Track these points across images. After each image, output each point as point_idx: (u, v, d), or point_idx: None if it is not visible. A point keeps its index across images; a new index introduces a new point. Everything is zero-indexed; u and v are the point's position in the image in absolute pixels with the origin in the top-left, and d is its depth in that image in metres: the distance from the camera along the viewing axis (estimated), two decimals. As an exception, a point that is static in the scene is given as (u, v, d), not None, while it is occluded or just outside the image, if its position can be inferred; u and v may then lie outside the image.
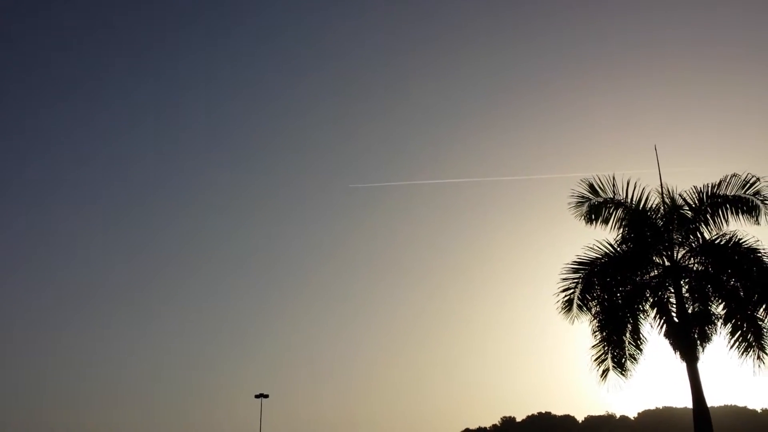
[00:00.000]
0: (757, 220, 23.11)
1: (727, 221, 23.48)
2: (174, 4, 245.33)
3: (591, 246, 24.24)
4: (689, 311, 23.04)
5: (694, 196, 23.81)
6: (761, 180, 22.85)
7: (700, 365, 22.62)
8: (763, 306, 22.16)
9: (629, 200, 24.44)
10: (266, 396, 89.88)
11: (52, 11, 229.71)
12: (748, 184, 23.00)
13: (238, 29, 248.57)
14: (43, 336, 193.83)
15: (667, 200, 24.34)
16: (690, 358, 22.58)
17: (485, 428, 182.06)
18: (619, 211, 24.61)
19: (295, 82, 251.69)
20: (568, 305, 24.27)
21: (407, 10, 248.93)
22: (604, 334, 23.86)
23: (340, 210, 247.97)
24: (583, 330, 24.38)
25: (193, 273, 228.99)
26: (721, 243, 23.26)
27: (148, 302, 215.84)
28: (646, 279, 24.12)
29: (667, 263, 24.09)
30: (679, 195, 24.12)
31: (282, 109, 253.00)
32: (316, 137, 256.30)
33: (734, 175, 23.17)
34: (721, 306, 22.78)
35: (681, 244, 24.11)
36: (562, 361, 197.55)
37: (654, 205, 24.40)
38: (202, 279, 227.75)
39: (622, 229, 24.50)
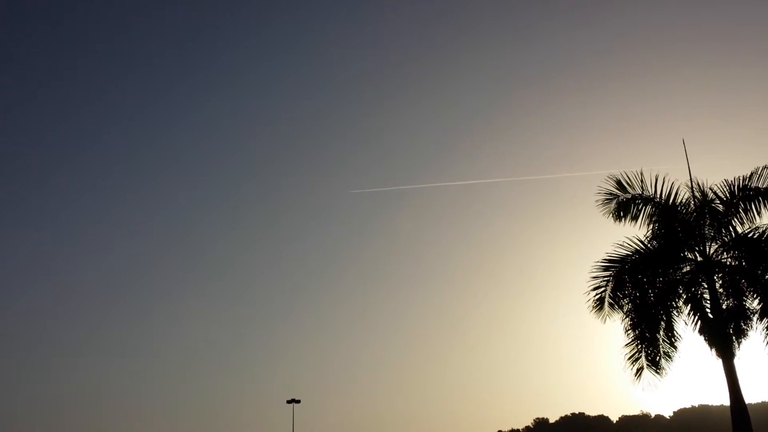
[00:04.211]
0: (790, 212, 22.74)
1: (759, 214, 23.17)
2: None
3: (621, 243, 24.11)
4: (724, 307, 22.76)
5: (725, 190, 23.49)
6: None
7: (736, 361, 22.36)
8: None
9: (658, 196, 24.11)
10: (298, 401, 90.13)
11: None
12: (781, 176, 22.64)
13: (240, 33, 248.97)
14: (67, 340, 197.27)
15: (697, 194, 24.01)
16: (726, 354, 22.27)
17: (518, 430, 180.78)
18: (649, 207, 24.28)
19: (295, 89, 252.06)
20: (599, 304, 24.07)
21: (409, 12, 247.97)
22: (637, 332, 23.64)
23: (361, 215, 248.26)
24: (615, 329, 24.21)
25: (222, 277, 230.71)
26: (755, 237, 22.93)
27: (176, 307, 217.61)
28: (679, 275, 23.81)
29: (699, 258, 23.77)
30: (710, 189, 23.85)
31: (284, 116, 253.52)
32: (318, 144, 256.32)
33: (766, 167, 22.86)
34: (757, 301, 22.45)
35: (713, 239, 23.77)
36: (595, 360, 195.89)
37: (684, 200, 24.09)
38: (232, 283, 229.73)
39: (652, 225, 24.19)
